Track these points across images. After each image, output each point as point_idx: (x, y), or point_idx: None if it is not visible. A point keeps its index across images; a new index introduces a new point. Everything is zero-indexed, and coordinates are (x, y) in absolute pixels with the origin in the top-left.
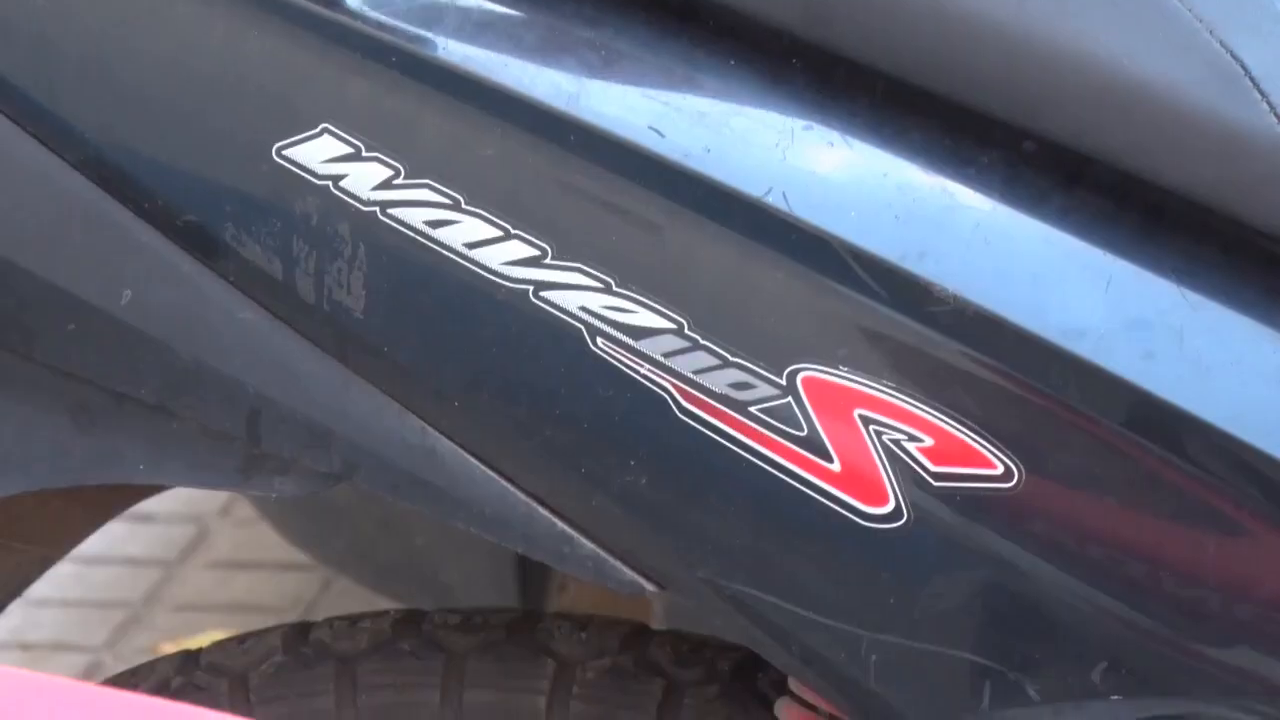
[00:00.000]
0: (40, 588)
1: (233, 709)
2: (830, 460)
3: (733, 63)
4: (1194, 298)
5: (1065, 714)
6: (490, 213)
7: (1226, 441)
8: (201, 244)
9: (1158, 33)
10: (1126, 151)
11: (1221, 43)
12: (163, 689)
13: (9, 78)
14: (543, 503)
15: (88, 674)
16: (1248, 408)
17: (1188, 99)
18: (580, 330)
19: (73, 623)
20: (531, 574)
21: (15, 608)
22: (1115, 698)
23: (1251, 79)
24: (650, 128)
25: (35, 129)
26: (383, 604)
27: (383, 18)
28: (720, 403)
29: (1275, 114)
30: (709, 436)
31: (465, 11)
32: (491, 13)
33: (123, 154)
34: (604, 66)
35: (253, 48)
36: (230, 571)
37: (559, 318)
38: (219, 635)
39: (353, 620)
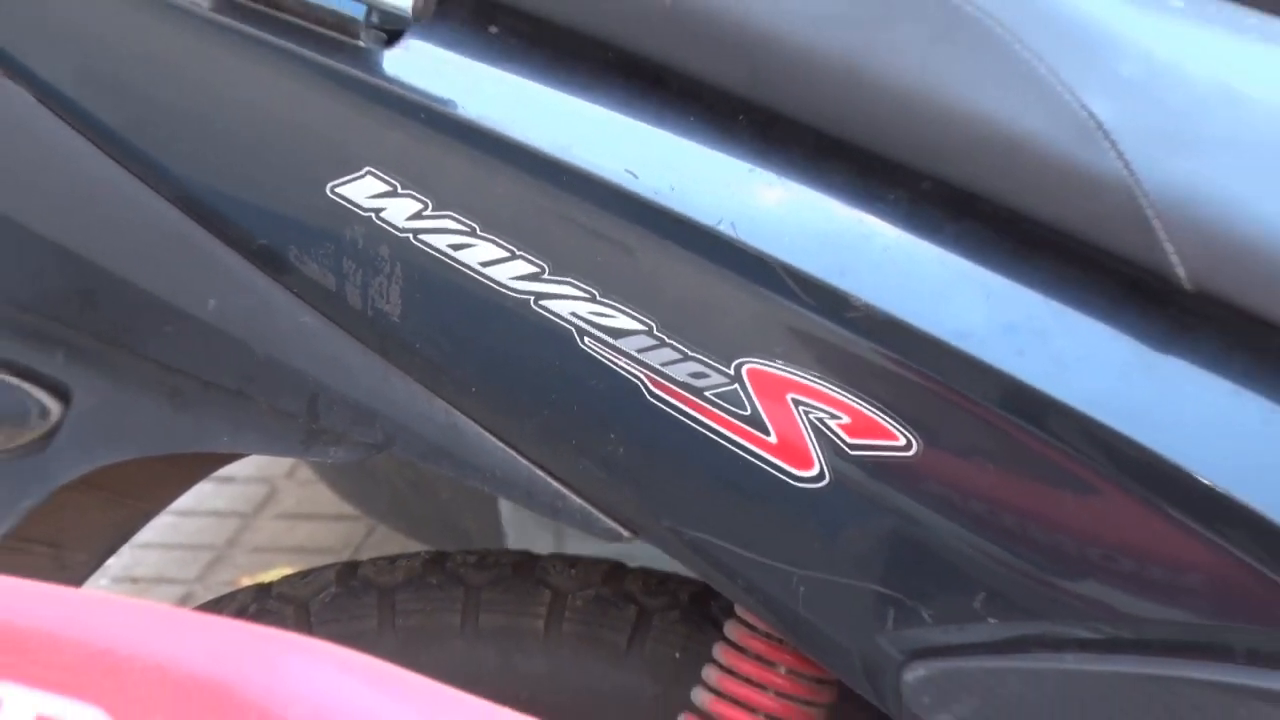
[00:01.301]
0: (145, 534)
1: (296, 630)
2: (768, 434)
3: (692, 119)
4: (1056, 306)
5: (951, 633)
6: (500, 237)
7: (1081, 420)
8: (271, 262)
9: (1029, 95)
10: (1004, 191)
11: (1081, 103)
12: (241, 614)
13: (119, 130)
14: (541, 467)
15: (182, 602)
16: (1097, 393)
17: (1053, 148)
18: (571, 331)
19: (170, 561)
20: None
21: (125, 550)
22: (992, 620)
23: (1103, 131)
24: (627, 170)
25: (139, 171)
26: (415, 547)
27: (414, 82)
28: (682, 389)
29: (1122, 160)
30: (673, 416)
31: (480, 77)
32: (501, 79)
33: (208, 191)
34: (590, 122)
35: (312, 106)
36: (294, 521)
37: (554, 321)
38: (286, 571)
39: (391, 560)
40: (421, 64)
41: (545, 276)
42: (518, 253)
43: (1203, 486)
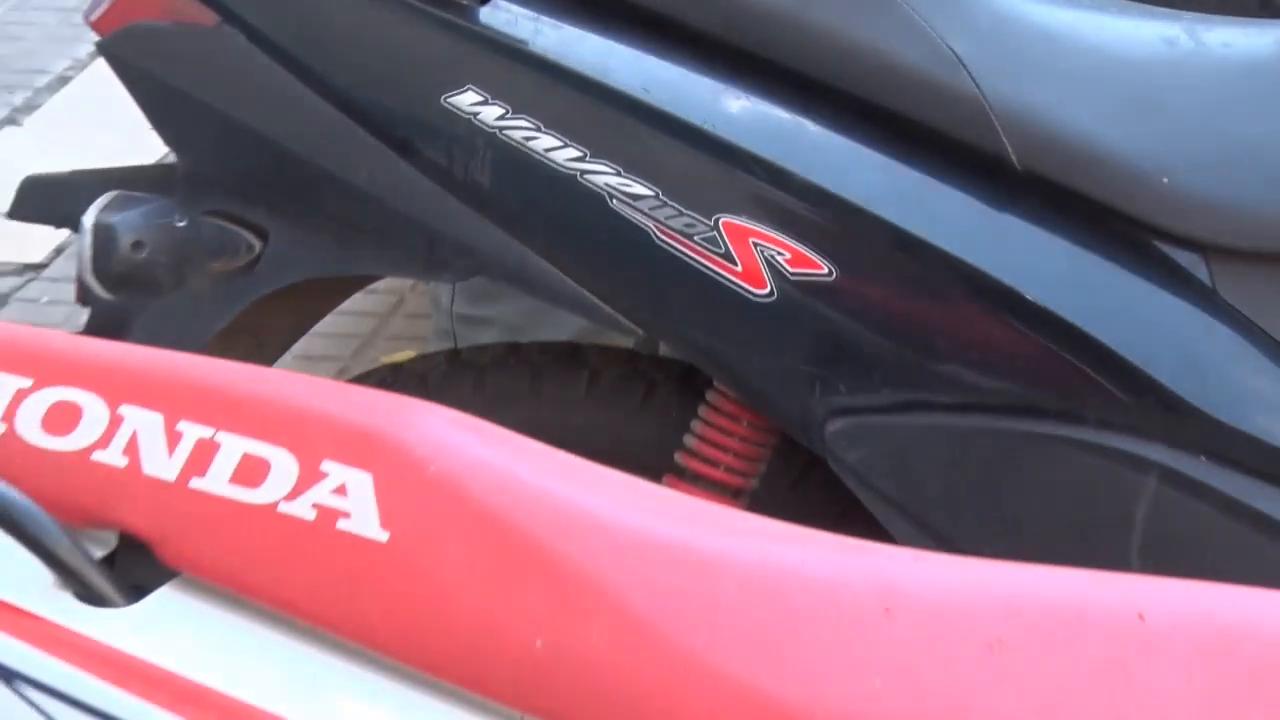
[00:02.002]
0: (317, 326)
1: (416, 395)
2: (736, 265)
3: (686, 55)
4: (929, 180)
5: (858, 399)
6: (557, 132)
7: (945, 255)
8: (404, 148)
9: (913, 38)
10: (895, 103)
11: (947, 44)
12: (381, 385)
13: (303, 59)
14: (584, 285)
15: (338, 375)
16: (956, 237)
17: (928, 74)
18: (604, 196)
19: (331, 345)
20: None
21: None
22: (885, 391)
23: (961, 63)
24: (642, 88)
25: (316, 86)
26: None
27: (500, 28)
28: (678, 234)
29: (974, 81)
30: (672, 252)
31: (544, 25)
32: (559, 27)
33: (362, 99)
34: (618, 56)
35: (432, 44)
36: (416, 319)
37: (592, 189)
38: (411, 355)
39: (482, 348)
40: (505, 17)
41: (587, 159)
42: (568, 143)
43: (1026, 300)
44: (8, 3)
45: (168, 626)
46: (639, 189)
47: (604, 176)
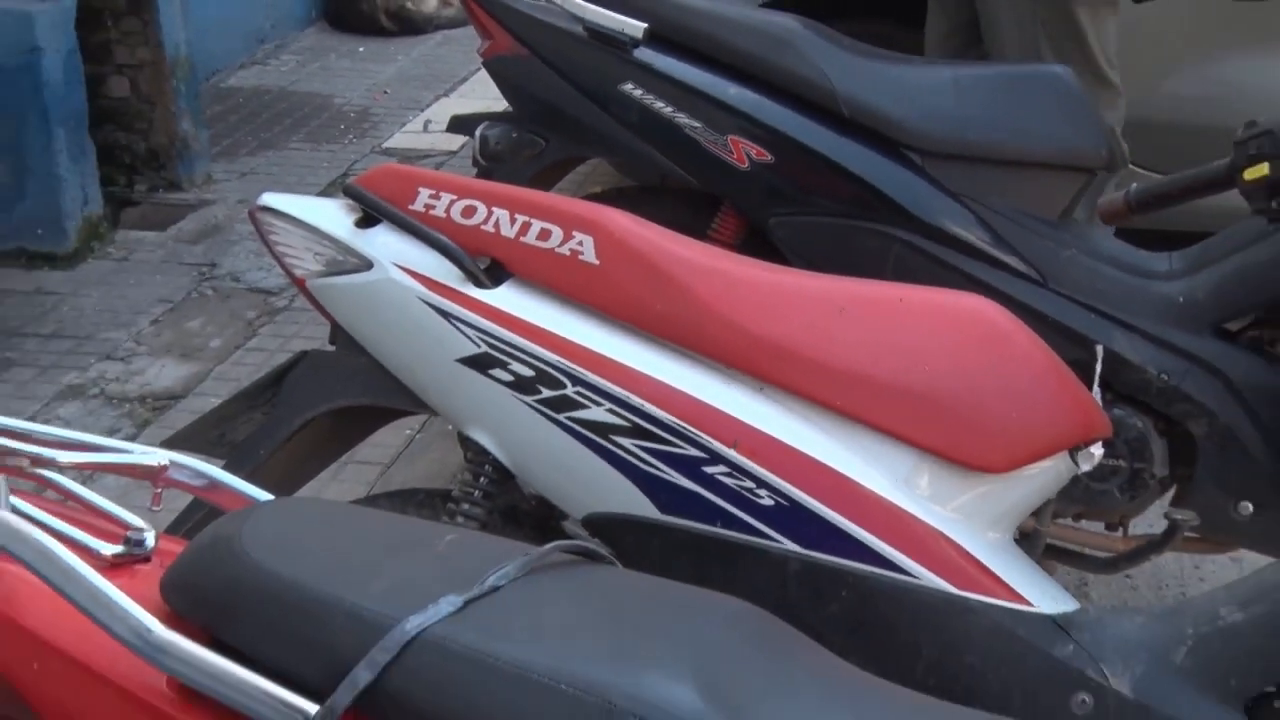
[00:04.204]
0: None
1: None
2: (733, 154)
3: (714, 69)
4: (804, 121)
5: (782, 209)
6: (664, 101)
7: (812, 149)
8: (604, 106)
9: (805, 64)
10: (798, 90)
11: (823, 72)
12: (593, 199)
13: (560, 67)
14: (674, 164)
15: (574, 193)
16: (820, 142)
17: (812, 80)
18: (682, 127)
19: (567, 186)
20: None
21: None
22: (794, 205)
23: (829, 78)
24: (699, 85)
25: (567, 79)
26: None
27: (643, 58)
28: (711, 142)
29: (830, 84)
30: (709, 150)
31: (659, 57)
32: (667, 59)
33: (589, 85)
34: (689, 72)
35: (614, 62)
36: (607, 174)
37: (678, 125)
38: (601, 188)
39: (631, 186)
40: (647, 52)
41: (675, 112)
42: (668, 105)
43: (849, 170)
44: (441, 47)
45: (511, 298)
46: (696, 124)
47: (682, 118)
